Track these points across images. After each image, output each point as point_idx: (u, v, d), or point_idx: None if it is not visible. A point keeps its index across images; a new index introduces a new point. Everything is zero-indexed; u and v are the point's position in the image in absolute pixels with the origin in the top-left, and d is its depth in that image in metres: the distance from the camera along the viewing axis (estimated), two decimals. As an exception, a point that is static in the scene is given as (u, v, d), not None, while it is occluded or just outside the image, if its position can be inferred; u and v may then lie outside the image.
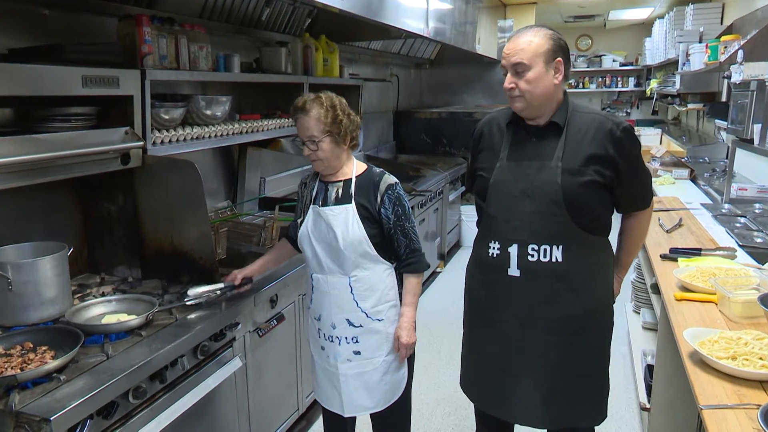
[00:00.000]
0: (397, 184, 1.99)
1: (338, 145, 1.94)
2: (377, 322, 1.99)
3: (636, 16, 8.70)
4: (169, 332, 1.86)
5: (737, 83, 3.41)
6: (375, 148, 5.55)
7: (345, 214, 1.94)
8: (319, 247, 1.98)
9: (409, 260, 1.99)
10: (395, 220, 1.95)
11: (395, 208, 1.95)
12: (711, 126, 5.94)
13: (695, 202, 3.71)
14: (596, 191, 1.75)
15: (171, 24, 2.34)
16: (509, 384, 1.86)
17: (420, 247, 2.01)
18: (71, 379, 1.54)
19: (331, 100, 1.94)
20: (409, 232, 1.98)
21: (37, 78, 1.74)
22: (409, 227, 1.98)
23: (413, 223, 2.00)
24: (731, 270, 2.12)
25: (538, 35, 1.73)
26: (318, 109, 1.90)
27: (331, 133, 1.91)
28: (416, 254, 2.00)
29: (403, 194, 1.98)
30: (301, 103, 1.93)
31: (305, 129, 1.92)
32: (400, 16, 3.66)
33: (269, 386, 2.43)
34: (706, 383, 1.44)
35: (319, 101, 1.92)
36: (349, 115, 1.97)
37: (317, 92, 1.96)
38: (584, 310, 1.79)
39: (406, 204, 1.98)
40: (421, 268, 2.02)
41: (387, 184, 1.97)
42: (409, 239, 1.98)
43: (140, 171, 2.19)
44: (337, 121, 1.91)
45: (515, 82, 1.74)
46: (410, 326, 2.03)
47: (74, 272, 2.26)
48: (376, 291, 1.98)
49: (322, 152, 1.92)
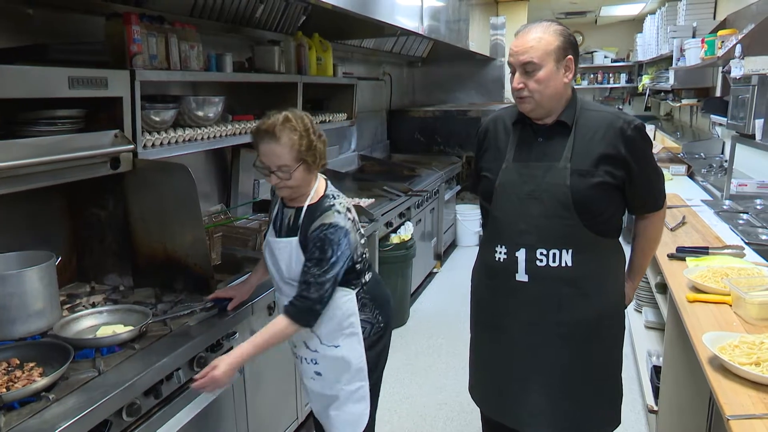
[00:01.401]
0: (331, 225, 1.71)
1: (310, 171, 1.78)
2: (334, 348, 1.85)
3: (627, 12, 8.70)
4: (164, 344, 1.78)
5: (737, 78, 3.37)
6: (369, 148, 5.49)
7: (289, 248, 1.79)
8: (273, 270, 1.88)
9: (294, 302, 1.72)
10: (307, 259, 1.73)
11: (313, 248, 1.71)
12: (705, 121, 5.92)
13: (696, 199, 3.68)
14: (607, 193, 1.69)
15: (161, 22, 2.25)
16: (518, 391, 1.80)
17: (315, 299, 1.70)
18: (61, 398, 1.46)
19: (303, 122, 1.74)
20: (311, 278, 1.70)
21: (21, 79, 1.65)
22: (315, 273, 1.69)
23: (325, 275, 1.69)
24: (743, 270, 2.07)
25: (548, 31, 1.65)
26: (290, 135, 1.70)
27: (305, 161, 1.73)
28: (304, 301, 1.71)
29: (332, 239, 1.70)
30: (268, 127, 1.71)
31: (275, 157, 1.71)
32: (395, 14, 3.59)
33: (268, 395, 2.36)
34: (729, 391, 1.38)
35: (290, 126, 1.71)
36: (320, 136, 1.80)
37: (282, 111, 1.75)
38: (595, 316, 1.73)
39: (329, 251, 1.69)
40: (297, 319, 1.71)
41: (320, 223, 1.72)
42: (308, 285, 1.70)
43: (131, 175, 2.11)
44: (312, 147, 1.74)
45: (524, 81, 1.66)
46: (234, 363, 1.68)
47: (63, 281, 2.17)
48: (331, 318, 1.81)
49: (294, 181, 1.74)
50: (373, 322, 1.89)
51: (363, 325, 1.86)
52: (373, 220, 3.35)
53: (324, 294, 1.71)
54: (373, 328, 1.89)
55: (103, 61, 2.02)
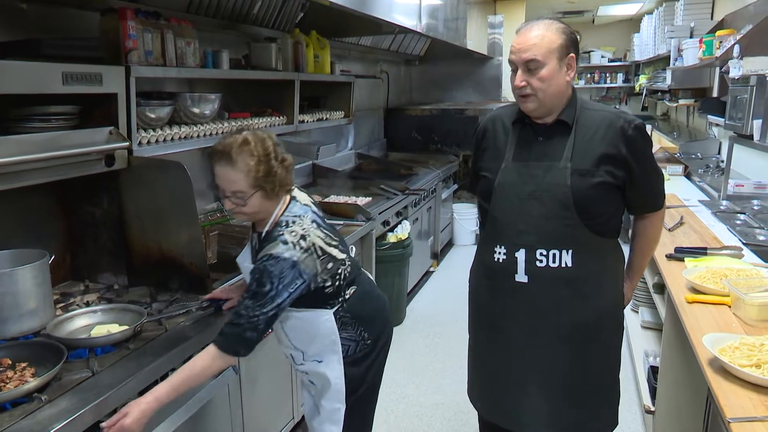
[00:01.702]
0: (273, 256, 1.58)
1: (269, 198, 1.65)
2: (317, 363, 1.78)
3: (624, 11, 8.69)
4: (159, 344, 1.76)
5: (735, 78, 3.37)
6: (366, 146, 5.47)
7: (247, 274, 1.72)
8: None
9: (223, 329, 1.59)
10: (246, 289, 1.63)
11: (251, 282, 1.61)
12: (702, 121, 5.92)
13: (693, 199, 3.67)
14: (607, 193, 1.67)
15: (156, 18, 2.23)
16: (517, 393, 1.78)
17: (245, 327, 1.56)
18: (54, 399, 1.43)
19: (264, 146, 1.61)
20: (242, 309, 1.57)
21: (13, 75, 1.62)
22: (247, 306, 1.56)
23: (260, 309, 1.56)
24: (742, 270, 2.06)
25: (551, 29, 1.64)
26: (247, 160, 1.58)
27: (263, 188, 1.61)
28: (233, 328, 1.57)
29: (272, 272, 1.56)
30: (224, 148, 1.60)
31: (229, 182, 1.61)
32: (393, 11, 3.57)
33: (264, 395, 2.34)
34: (730, 393, 1.37)
35: (248, 149, 1.58)
36: (283, 161, 1.66)
37: (244, 131, 1.65)
38: (595, 317, 1.72)
39: (266, 282, 1.56)
40: (226, 348, 1.57)
41: (263, 254, 1.60)
42: (238, 314, 1.57)
43: (126, 173, 2.08)
44: (271, 173, 1.61)
45: (527, 79, 1.63)
46: (148, 410, 1.49)
47: (56, 280, 2.14)
48: (312, 337, 1.75)
49: (249, 208, 1.64)
50: (357, 339, 1.79)
51: (347, 343, 1.77)
52: (370, 219, 3.33)
53: (258, 325, 1.57)
54: (358, 346, 1.79)
55: (98, 56, 1.99)
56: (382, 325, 1.87)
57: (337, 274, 1.74)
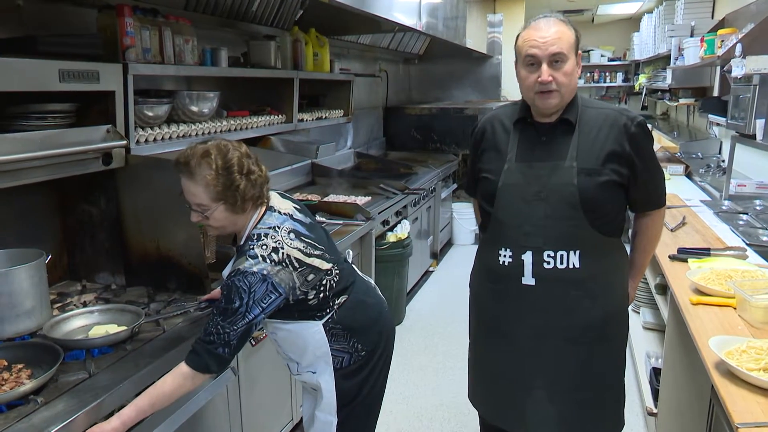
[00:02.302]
0: (240, 272, 1.50)
1: (234, 212, 1.58)
2: (311, 374, 1.73)
3: (624, 10, 8.67)
4: (157, 345, 1.73)
5: (738, 77, 3.34)
6: (365, 145, 5.45)
7: None
8: None
9: (194, 347, 1.51)
10: (216, 305, 1.55)
11: (220, 298, 1.54)
12: (702, 121, 5.90)
13: (695, 199, 3.65)
14: (613, 191, 1.66)
15: (154, 15, 2.20)
16: (522, 396, 1.76)
17: (217, 344, 1.48)
18: (50, 401, 1.41)
19: (225, 158, 1.53)
20: (211, 326, 1.49)
21: (9, 72, 1.60)
22: (217, 322, 1.49)
23: (229, 326, 1.48)
24: (747, 272, 2.04)
25: (566, 25, 1.63)
26: (206, 172, 1.52)
27: (225, 201, 1.55)
28: (203, 346, 1.49)
29: (240, 287, 1.49)
30: (183, 159, 1.54)
31: (190, 195, 1.56)
32: (393, 9, 3.54)
33: (262, 396, 2.31)
34: (737, 398, 1.35)
35: (207, 161, 1.52)
36: (249, 173, 1.57)
37: (206, 144, 1.57)
38: (603, 317, 1.70)
39: (235, 301, 1.49)
40: (197, 366, 1.49)
41: (232, 269, 1.54)
42: (206, 332, 1.50)
43: (123, 172, 2.06)
44: (232, 187, 1.54)
45: (553, 74, 1.59)
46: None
47: (53, 280, 2.12)
48: (302, 347, 1.70)
49: (214, 221, 1.59)
50: (350, 351, 1.71)
51: (339, 355, 1.70)
52: (369, 219, 3.30)
53: (230, 341, 1.50)
54: (352, 358, 1.71)
55: (95, 54, 1.96)
56: (377, 335, 1.78)
57: (321, 285, 1.65)
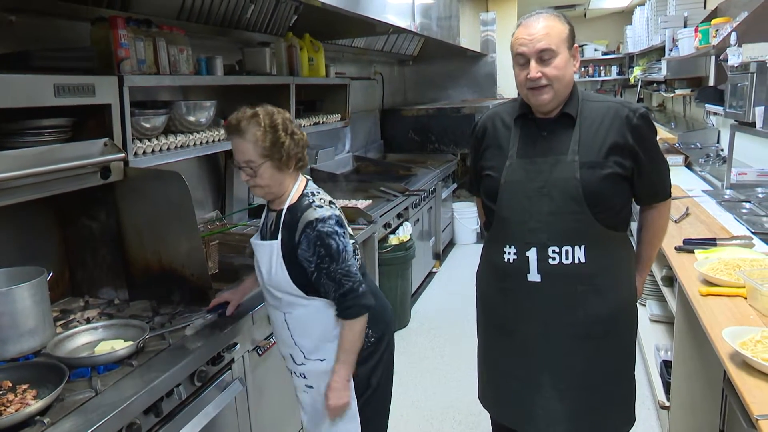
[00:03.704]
0: (319, 220, 1.66)
1: (280, 170, 1.70)
2: (319, 362, 1.78)
3: (616, 4, 8.68)
4: (163, 359, 1.71)
5: (735, 66, 3.33)
6: (363, 149, 5.43)
7: (270, 251, 1.73)
8: (259, 277, 1.83)
9: (341, 305, 1.69)
10: (318, 262, 1.67)
11: (316, 249, 1.66)
12: (699, 111, 5.89)
13: (696, 189, 3.64)
14: (617, 184, 1.64)
15: (148, 26, 2.18)
16: (532, 395, 1.74)
17: (354, 287, 1.68)
18: (57, 422, 1.39)
19: (271, 118, 1.68)
20: (336, 275, 1.66)
21: (4, 88, 1.57)
22: (336, 270, 1.65)
23: (344, 264, 1.67)
24: (756, 261, 2.02)
25: (557, 19, 1.62)
26: (255, 130, 1.65)
27: (270, 158, 1.67)
28: (348, 297, 1.68)
29: (327, 231, 1.65)
30: (235, 121, 1.68)
31: (240, 152, 1.69)
32: (387, 11, 3.53)
33: (271, 407, 2.29)
34: (755, 389, 1.33)
35: (256, 120, 1.66)
36: (293, 134, 1.71)
37: (254, 107, 1.71)
38: (610, 312, 1.68)
39: (332, 243, 1.65)
40: (356, 314, 1.69)
41: (305, 222, 1.67)
42: (338, 283, 1.66)
43: (122, 185, 2.03)
44: (278, 143, 1.67)
45: (542, 70, 1.59)
46: (341, 387, 1.72)
47: (55, 297, 2.10)
48: (314, 330, 1.75)
49: (261, 179, 1.70)
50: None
51: None
52: (371, 222, 3.28)
53: (357, 278, 1.69)
54: (362, 344, 1.77)
55: (90, 67, 1.94)
56: (385, 325, 1.86)
57: (355, 254, 1.77)
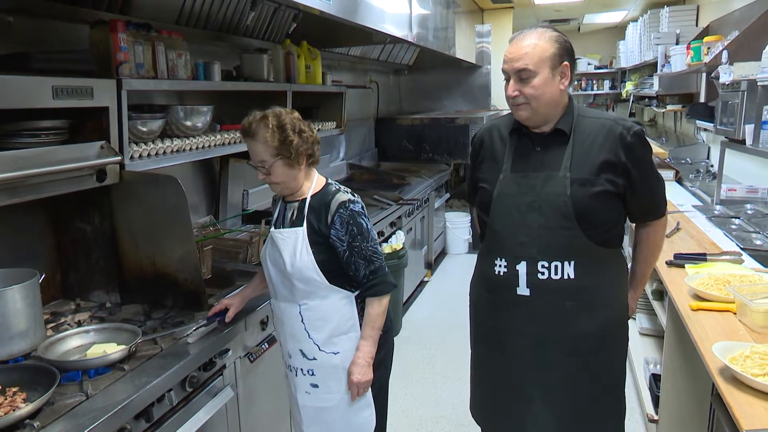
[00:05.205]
0: (350, 201, 1.80)
1: (292, 167, 1.79)
2: (332, 356, 1.82)
3: (610, 19, 8.78)
4: (155, 364, 1.70)
5: (726, 84, 3.39)
6: (357, 156, 5.44)
7: (294, 237, 1.80)
8: (273, 271, 1.86)
9: (370, 282, 1.79)
10: (350, 241, 1.77)
11: (349, 228, 1.77)
12: (690, 127, 5.97)
13: (687, 204, 3.68)
14: (608, 201, 1.65)
15: (147, 30, 2.18)
16: (522, 409, 1.74)
17: (382, 265, 1.81)
18: (46, 425, 1.37)
19: (279, 119, 1.77)
20: (367, 252, 1.78)
21: (2, 89, 1.57)
22: (367, 247, 1.78)
23: (373, 242, 1.81)
24: (745, 276, 2.05)
25: (543, 38, 1.62)
26: (264, 132, 1.75)
27: (281, 156, 1.76)
28: (378, 275, 1.79)
29: (358, 211, 1.80)
30: (246, 124, 1.79)
31: (254, 153, 1.80)
32: (385, 21, 3.55)
33: (262, 414, 2.28)
34: (744, 404, 1.35)
35: (264, 122, 1.76)
36: (301, 132, 1.80)
37: (264, 110, 1.81)
38: (599, 328, 1.69)
39: (363, 222, 1.79)
40: (386, 290, 1.81)
41: (338, 203, 1.79)
42: (369, 260, 1.78)
43: (118, 188, 2.03)
44: (286, 142, 1.76)
45: (519, 89, 1.62)
46: (365, 363, 1.81)
47: (46, 299, 2.07)
48: (329, 321, 1.81)
49: (275, 176, 1.80)
50: None
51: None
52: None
53: (383, 258, 1.83)
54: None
55: (88, 70, 1.94)
56: (389, 321, 1.92)
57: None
